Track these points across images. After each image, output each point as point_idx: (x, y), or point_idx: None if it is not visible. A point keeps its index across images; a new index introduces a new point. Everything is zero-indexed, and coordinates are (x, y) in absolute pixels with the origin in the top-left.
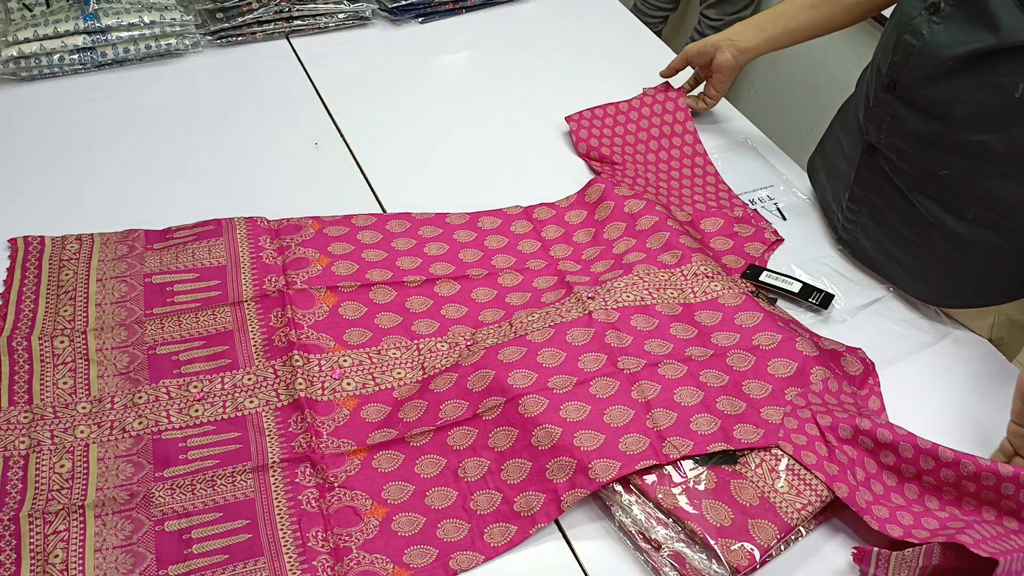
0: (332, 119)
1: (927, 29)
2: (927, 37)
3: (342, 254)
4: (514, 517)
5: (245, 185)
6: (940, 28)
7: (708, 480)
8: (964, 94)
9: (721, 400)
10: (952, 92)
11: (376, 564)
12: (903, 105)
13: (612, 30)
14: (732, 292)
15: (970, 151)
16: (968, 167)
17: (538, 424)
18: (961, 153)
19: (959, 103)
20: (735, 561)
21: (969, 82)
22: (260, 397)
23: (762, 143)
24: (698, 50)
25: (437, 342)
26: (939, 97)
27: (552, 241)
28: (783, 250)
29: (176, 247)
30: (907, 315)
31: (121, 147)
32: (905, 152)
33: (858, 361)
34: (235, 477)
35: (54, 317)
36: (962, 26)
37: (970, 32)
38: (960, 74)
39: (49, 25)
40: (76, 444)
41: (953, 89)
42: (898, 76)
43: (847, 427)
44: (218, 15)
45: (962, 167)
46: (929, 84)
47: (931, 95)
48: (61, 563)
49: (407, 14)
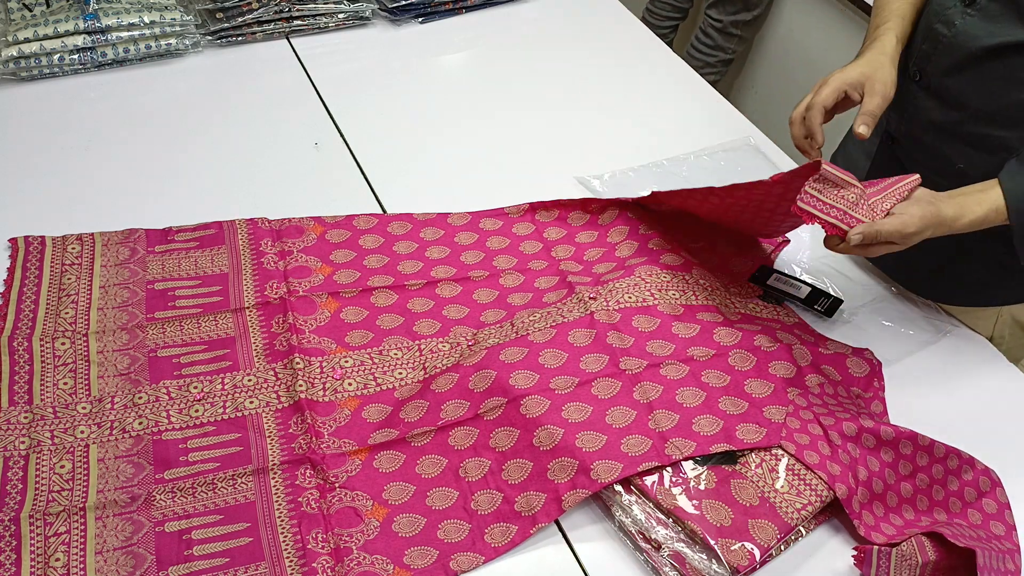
0: (332, 119)
1: (960, 20)
2: (959, 27)
3: (344, 262)
4: (515, 517)
5: (245, 185)
6: (974, 20)
7: (708, 480)
8: (988, 87)
9: (723, 400)
10: (976, 84)
11: (376, 565)
12: (926, 95)
13: (611, 29)
14: (730, 310)
15: (988, 145)
16: (985, 161)
17: (540, 425)
18: (979, 147)
19: (981, 96)
20: (735, 561)
21: (994, 75)
22: (260, 398)
23: (763, 143)
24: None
25: (438, 342)
26: (963, 88)
27: (554, 242)
28: (786, 249)
29: (178, 253)
30: (908, 314)
31: (121, 147)
32: (923, 142)
33: (864, 363)
34: (236, 480)
35: (55, 319)
36: (996, 19)
37: (1003, 25)
38: (986, 66)
39: (49, 25)
40: (76, 444)
41: (977, 81)
42: (924, 65)
43: (851, 425)
44: (218, 15)
45: (979, 161)
46: (954, 74)
47: (954, 85)
48: (62, 567)
49: (407, 14)
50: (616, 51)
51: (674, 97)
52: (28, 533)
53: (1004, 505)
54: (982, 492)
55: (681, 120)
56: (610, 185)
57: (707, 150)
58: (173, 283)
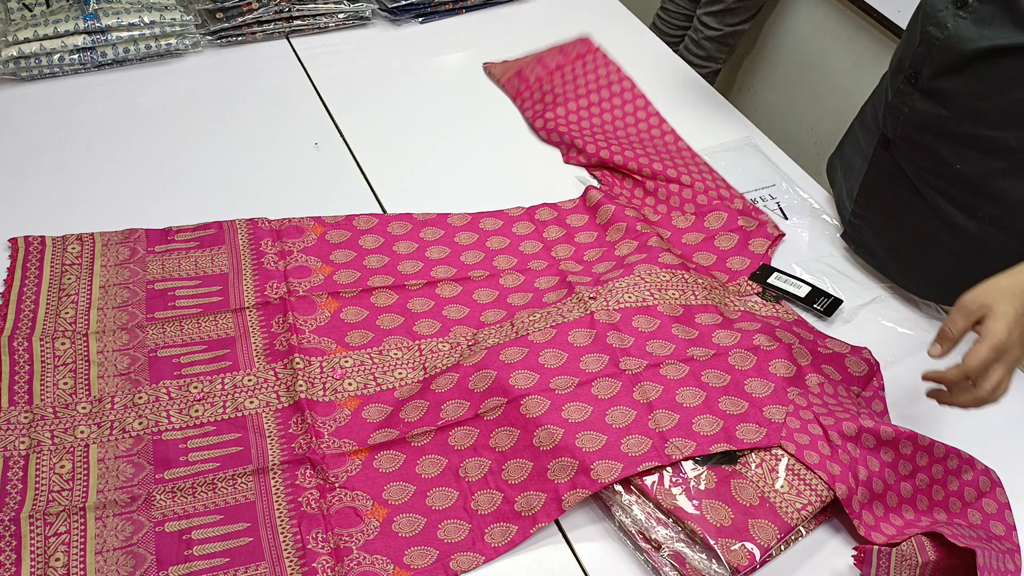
0: (332, 119)
1: (952, 22)
2: (951, 30)
3: (344, 262)
4: (515, 517)
5: (245, 185)
6: (966, 23)
7: (708, 480)
8: (982, 88)
9: (723, 400)
10: (971, 86)
11: (377, 565)
12: (922, 97)
13: (610, 29)
14: (730, 309)
15: (984, 146)
16: (981, 162)
17: (540, 425)
18: (975, 148)
19: (977, 97)
20: (735, 561)
21: (989, 77)
22: (260, 398)
23: (763, 143)
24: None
25: (438, 342)
26: (958, 90)
27: (554, 242)
28: (785, 249)
29: (178, 253)
30: (907, 314)
31: (121, 147)
32: (920, 145)
33: (862, 362)
34: (236, 480)
35: (55, 319)
36: (989, 22)
37: (996, 28)
38: (981, 68)
39: (49, 25)
40: (76, 444)
41: (972, 83)
42: (920, 67)
43: (851, 425)
44: (218, 15)
45: (975, 162)
46: (949, 76)
47: (949, 87)
48: (62, 567)
49: (407, 14)
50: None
51: (674, 97)
52: (28, 533)
53: (1004, 505)
54: (982, 492)
55: (681, 120)
56: None
57: (707, 150)
58: (173, 283)
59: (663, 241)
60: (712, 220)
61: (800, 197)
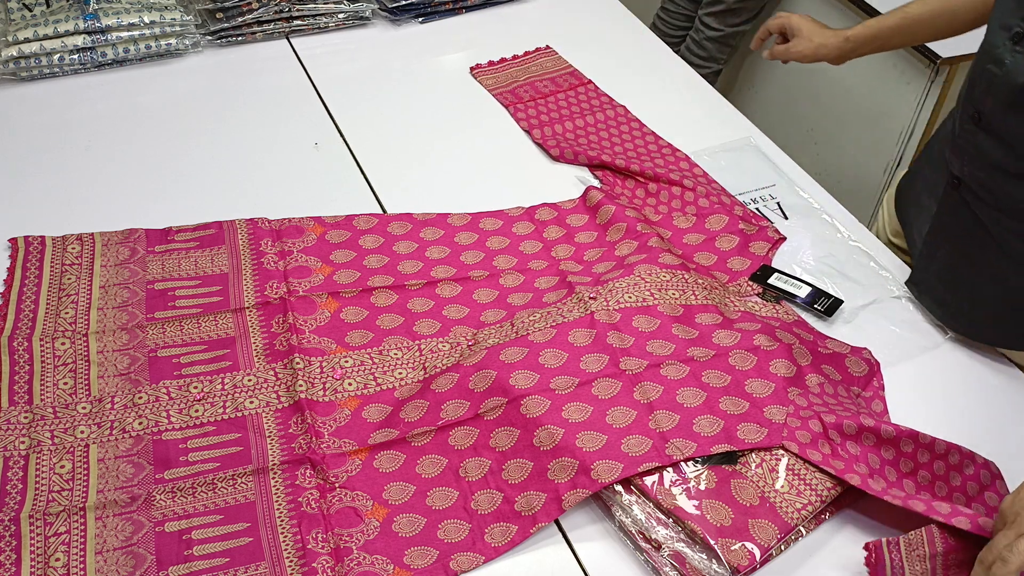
0: (332, 119)
1: (1010, 58)
2: (1008, 66)
3: (344, 262)
4: (515, 517)
5: (245, 185)
6: (1022, 57)
7: (708, 480)
8: None
9: (724, 400)
10: None
11: (377, 565)
12: (986, 136)
13: (610, 29)
14: (730, 309)
15: None
16: None
17: (540, 425)
18: None
19: None
20: (735, 561)
21: None
22: (260, 398)
23: (763, 143)
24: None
25: (439, 342)
26: (1020, 126)
27: (554, 242)
28: (786, 249)
29: (178, 253)
30: (908, 316)
31: (121, 147)
32: (988, 184)
33: (863, 362)
34: (236, 480)
35: (55, 319)
36: None
37: None
38: None
39: (49, 25)
40: (76, 444)
41: None
42: (982, 106)
43: (852, 424)
44: (218, 15)
45: None
46: (1009, 113)
47: (1012, 125)
48: (62, 567)
49: (407, 14)
50: (616, 51)
51: (674, 97)
52: (28, 533)
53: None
54: (984, 486)
55: (681, 120)
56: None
57: (707, 150)
58: (173, 283)
59: (663, 241)
60: (713, 222)
61: (800, 197)
